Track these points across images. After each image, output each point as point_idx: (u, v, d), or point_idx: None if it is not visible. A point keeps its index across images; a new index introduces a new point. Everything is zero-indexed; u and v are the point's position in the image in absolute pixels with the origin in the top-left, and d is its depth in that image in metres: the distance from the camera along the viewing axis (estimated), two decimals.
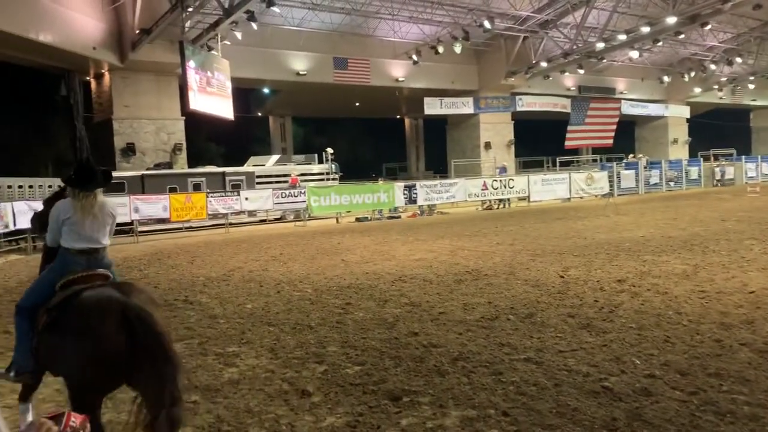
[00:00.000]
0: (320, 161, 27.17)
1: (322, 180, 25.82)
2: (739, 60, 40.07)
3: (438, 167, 42.94)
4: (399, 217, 23.58)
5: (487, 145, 35.04)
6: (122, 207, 18.63)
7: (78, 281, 3.69)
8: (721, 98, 47.12)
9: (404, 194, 23.73)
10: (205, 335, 6.64)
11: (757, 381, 4.48)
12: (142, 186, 21.16)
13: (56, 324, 3.49)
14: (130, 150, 24.64)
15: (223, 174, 23.65)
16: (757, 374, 4.62)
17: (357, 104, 41.34)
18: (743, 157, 39.05)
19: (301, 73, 29.58)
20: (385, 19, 28.47)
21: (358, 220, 22.95)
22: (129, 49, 23.19)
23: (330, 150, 26.43)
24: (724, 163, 37.45)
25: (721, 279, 8.23)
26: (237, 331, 6.75)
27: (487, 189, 25.85)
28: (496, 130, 35.57)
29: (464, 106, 33.71)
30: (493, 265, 10.36)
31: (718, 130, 50.28)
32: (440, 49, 29.30)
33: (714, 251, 10.66)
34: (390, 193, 23.48)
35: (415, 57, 30.26)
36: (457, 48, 29.05)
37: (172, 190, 20.88)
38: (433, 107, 32.63)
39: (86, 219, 3.81)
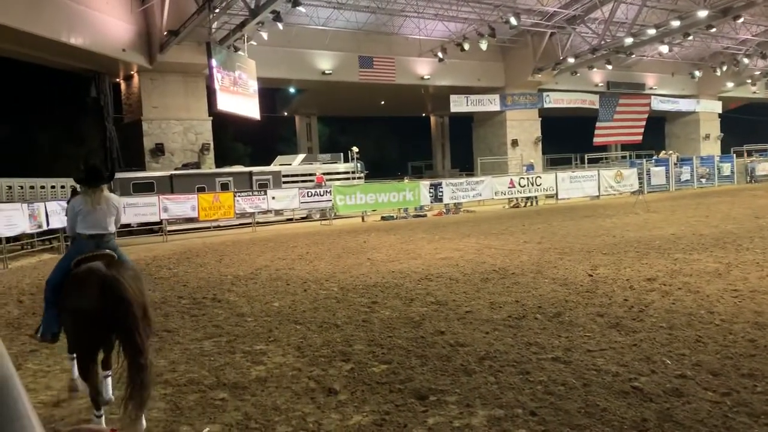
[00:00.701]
0: (346, 160, 27.26)
1: (348, 179, 25.91)
2: None
3: (464, 165, 42.82)
4: (425, 215, 23.55)
5: (514, 143, 34.84)
6: (151, 207, 18.96)
7: (87, 260, 4.43)
8: (754, 92, 46.11)
9: (430, 192, 23.69)
10: (233, 333, 6.71)
11: None
12: (171, 186, 21.46)
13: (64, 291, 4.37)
14: (159, 150, 25.02)
15: (250, 173, 23.87)
16: None
17: (382, 103, 41.40)
18: None
19: (326, 72, 29.73)
20: (411, 16, 28.46)
21: (383, 218, 22.98)
22: (157, 51, 23.56)
23: (356, 149, 26.51)
24: (758, 159, 36.60)
25: (755, 277, 8.05)
26: (264, 329, 6.82)
27: (514, 187, 25.69)
28: (523, 127, 35.32)
29: (490, 104, 33.51)
30: (520, 264, 10.29)
31: (752, 126, 49.21)
32: (466, 46, 29.15)
33: (747, 249, 10.43)
34: (416, 191, 23.47)
35: (440, 54, 30.17)
36: (483, 45, 28.89)
37: (200, 190, 21.16)
38: (459, 105, 32.50)
39: (95, 210, 4.64)
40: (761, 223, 14.18)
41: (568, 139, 41.17)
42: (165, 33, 22.73)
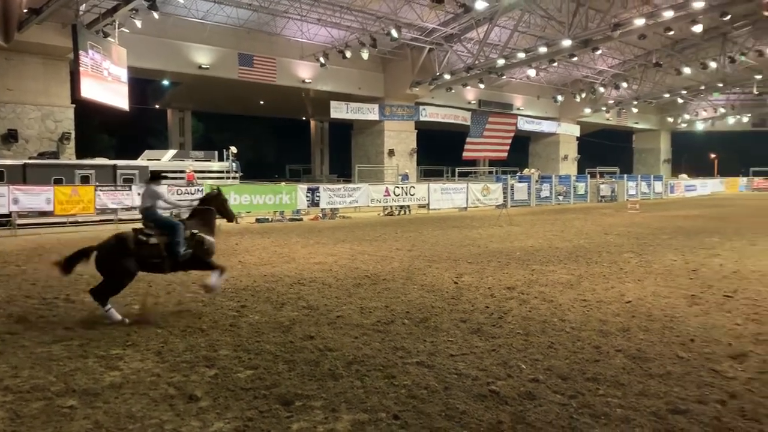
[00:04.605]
0: (221, 159, 26.43)
1: (222, 179, 25.13)
2: (624, 85, 43.11)
3: (342, 171, 43.05)
4: (301, 219, 23.37)
5: (391, 152, 35.59)
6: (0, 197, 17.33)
7: None
8: (608, 119, 50.52)
9: (307, 197, 23.56)
10: (87, 336, 6.24)
11: (630, 385, 4.79)
12: (23, 176, 19.69)
13: None
14: (11, 137, 22.93)
15: (114, 167, 22.48)
16: (630, 379, 4.94)
17: (262, 103, 40.68)
18: (625, 175, 41.96)
19: (203, 66, 28.73)
20: (294, 19, 28.23)
21: (258, 221, 22.51)
22: (15, 29, 21.52)
23: (234, 149, 25.82)
24: (607, 180, 39.98)
25: (601, 289, 8.77)
26: (122, 332, 6.40)
27: (389, 195, 26.19)
28: (400, 138, 36.21)
29: (369, 112, 34.03)
30: (391, 270, 10.48)
31: (605, 149, 53.76)
32: (348, 54, 29.42)
33: (596, 263, 11.35)
34: (293, 195, 23.24)
35: (322, 59, 30.19)
36: (365, 54, 29.31)
37: (58, 182, 19.60)
38: (338, 111, 32.69)
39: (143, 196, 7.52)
40: (609, 239, 15.49)
41: (441, 152, 42.73)
42: (25, 10, 20.83)
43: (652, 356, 5.55)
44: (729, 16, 27.34)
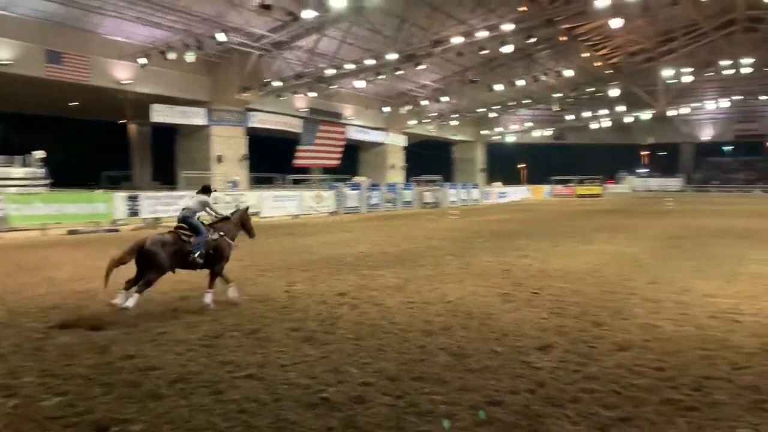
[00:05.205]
0: (25, 164, 23.80)
1: (26, 186, 22.62)
2: (445, 99, 45.97)
3: (166, 178, 40.75)
4: (118, 230, 21.74)
5: (220, 159, 34.42)
6: None
7: None
8: (430, 131, 53.49)
9: (127, 206, 22.01)
10: None
11: (452, 381, 5.06)
12: None
13: None
14: None
15: None
16: (452, 375, 5.22)
17: (73, 104, 37.25)
18: (447, 183, 44.65)
19: (4, 62, 25.67)
20: (110, 15, 26.30)
21: (71, 232, 20.55)
22: None
23: (41, 153, 23.37)
24: (431, 188, 42.22)
25: (426, 291, 9.20)
26: None
27: (218, 203, 25.29)
28: (229, 144, 35.13)
29: (196, 117, 32.71)
30: (220, 281, 10.10)
31: (428, 159, 56.74)
32: (170, 56, 28.01)
33: (421, 266, 11.89)
34: (110, 203, 21.59)
35: (142, 60, 28.43)
36: (189, 57, 28.13)
37: None
38: (161, 115, 30.99)
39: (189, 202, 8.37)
40: (433, 243, 16.33)
41: (273, 159, 42.26)
42: None
43: (471, 352, 5.92)
44: (534, 39, 30.24)
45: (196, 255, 7.89)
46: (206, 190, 8.61)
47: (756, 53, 42.34)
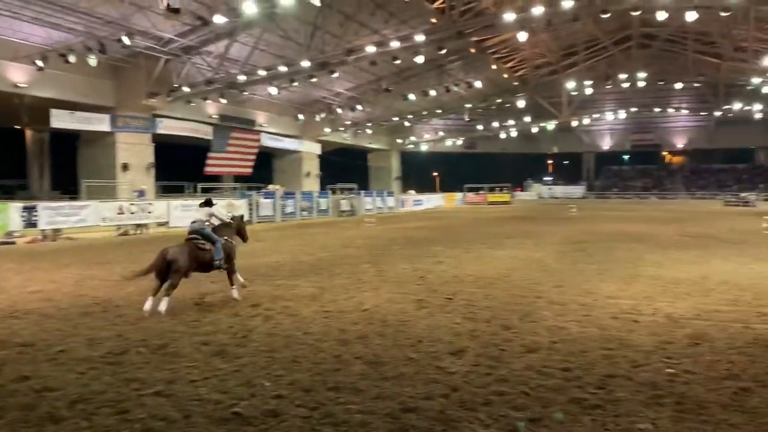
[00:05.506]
0: None
1: None
2: (359, 107, 46.25)
3: (67, 187, 38.53)
4: (13, 243, 20.34)
5: (125, 167, 32.89)
6: None
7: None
8: (345, 139, 53.62)
9: (22, 216, 20.66)
10: None
11: (368, 390, 5.05)
12: None
13: None
14: None
15: None
16: (368, 384, 5.21)
17: None
18: (362, 191, 44.82)
19: None
20: (2, 15, 24.65)
21: None
22: None
23: None
24: (347, 196, 42.24)
25: (342, 299, 9.16)
26: None
27: (123, 213, 24.25)
28: (135, 151, 33.65)
29: (99, 123, 31.17)
30: (126, 295, 9.66)
31: (344, 167, 56.83)
32: (71, 59, 26.61)
33: (337, 274, 11.85)
34: (4, 214, 20.17)
35: (39, 62, 26.82)
36: (92, 60, 26.85)
37: None
38: (61, 120, 29.33)
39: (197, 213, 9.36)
40: (349, 252, 16.32)
41: (183, 167, 40.90)
42: None
43: (387, 360, 5.93)
44: (444, 51, 30.99)
45: (219, 259, 8.92)
46: (209, 203, 9.60)
47: (650, 68, 45.35)
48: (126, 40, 25.91)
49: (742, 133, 60.52)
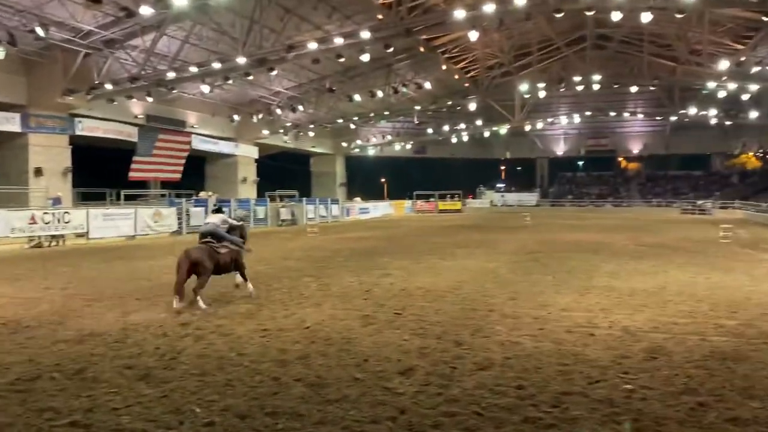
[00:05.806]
0: None
1: None
2: (301, 108, 46.04)
3: None
4: None
5: (38, 171, 31.71)
6: None
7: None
8: (285, 142, 53.22)
9: None
10: None
11: (309, 414, 5.00)
12: None
13: None
14: None
15: None
16: (309, 408, 5.16)
17: None
18: (304, 199, 44.55)
19: None
20: None
21: None
22: None
23: None
24: (287, 204, 41.89)
25: (281, 316, 9.07)
26: None
27: (36, 223, 23.35)
28: (50, 155, 32.52)
29: (8, 123, 30.00)
30: (38, 315, 9.30)
31: (284, 172, 56.43)
32: None
33: (276, 289, 11.74)
34: None
35: None
36: (0, 53, 25.82)
37: None
38: None
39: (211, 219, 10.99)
40: (289, 264, 16.20)
41: (104, 172, 39.75)
42: None
43: (330, 381, 5.90)
44: (392, 49, 31.19)
45: (243, 242, 11.12)
46: (219, 210, 11.44)
47: (605, 70, 46.81)
48: (40, 32, 25.03)
49: (697, 139, 63.20)
